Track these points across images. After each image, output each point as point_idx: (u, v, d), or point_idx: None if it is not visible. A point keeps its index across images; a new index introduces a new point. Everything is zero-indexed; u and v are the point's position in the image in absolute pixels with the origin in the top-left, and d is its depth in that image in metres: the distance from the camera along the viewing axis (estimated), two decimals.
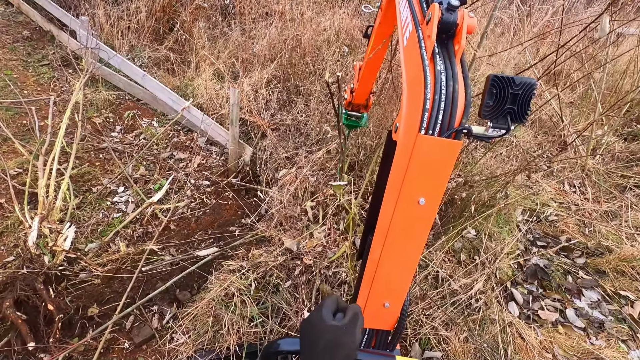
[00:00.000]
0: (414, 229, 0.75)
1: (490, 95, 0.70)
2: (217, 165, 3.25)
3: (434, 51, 0.71)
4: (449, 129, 0.68)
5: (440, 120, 0.68)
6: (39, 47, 4.37)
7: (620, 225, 2.66)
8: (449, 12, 0.70)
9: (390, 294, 0.82)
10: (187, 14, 4.45)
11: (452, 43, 0.73)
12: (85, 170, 2.93)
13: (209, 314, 1.95)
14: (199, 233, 2.63)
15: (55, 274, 2.11)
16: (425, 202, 0.72)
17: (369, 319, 0.86)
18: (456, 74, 0.69)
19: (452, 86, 0.68)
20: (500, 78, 0.69)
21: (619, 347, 1.98)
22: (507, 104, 0.70)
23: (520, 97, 0.69)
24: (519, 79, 0.69)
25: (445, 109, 0.68)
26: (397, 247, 0.77)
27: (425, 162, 0.69)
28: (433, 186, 0.71)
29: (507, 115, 0.70)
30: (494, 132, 0.71)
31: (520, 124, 0.76)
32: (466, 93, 0.70)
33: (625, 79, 3.80)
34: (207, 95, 3.62)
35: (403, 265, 0.79)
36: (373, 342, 0.91)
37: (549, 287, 2.31)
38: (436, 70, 0.69)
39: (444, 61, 0.71)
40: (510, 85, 0.69)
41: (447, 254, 2.30)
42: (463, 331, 1.99)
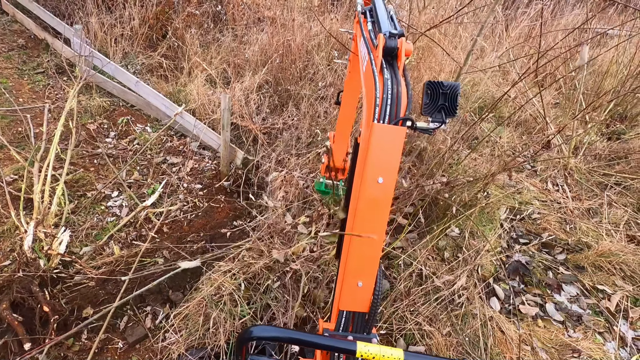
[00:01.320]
0: (376, 205, 0.90)
1: (426, 96, 0.94)
2: (210, 169, 3.32)
3: (382, 66, 0.94)
4: (396, 118, 0.89)
5: (388, 112, 0.89)
6: (34, 55, 4.44)
7: (600, 222, 2.75)
8: (391, 39, 0.94)
9: (362, 271, 0.94)
10: (180, 20, 4.53)
11: (396, 62, 0.95)
12: (80, 176, 2.99)
13: (200, 313, 2.02)
14: (191, 235, 2.69)
15: (51, 277, 2.17)
16: (383, 180, 0.88)
17: (346, 302, 0.96)
18: (399, 80, 0.91)
19: (396, 88, 0.90)
20: (433, 82, 0.93)
21: (595, 339, 2.05)
22: (439, 101, 0.93)
23: (448, 95, 0.93)
24: (447, 82, 0.92)
25: (391, 104, 0.89)
26: (364, 224, 0.91)
27: (380, 145, 0.87)
28: (388, 166, 0.88)
29: (442, 110, 0.94)
30: (434, 125, 0.94)
31: (453, 118, 0.96)
32: (408, 94, 0.90)
33: (608, 79, 3.90)
34: (200, 101, 3.69)
35: (369, 240, 0.92)
36: (350, 327, 0.98)
37: (530, 282, 2.39)
38: (384, 78, 0.91)
39: (390, 72, 0.93)
40: (440, 87, 0.93)
41: (431, 252, 2.38)
42: (446, 326, 2.06)
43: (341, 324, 0.98)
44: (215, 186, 3.14)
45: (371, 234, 0.92)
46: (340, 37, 4.39)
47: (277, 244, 2.27)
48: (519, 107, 3.16)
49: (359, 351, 0.76)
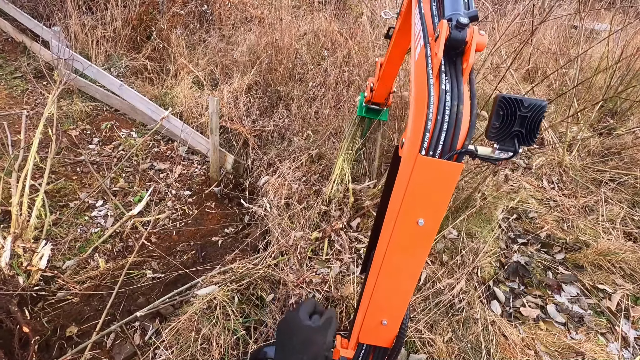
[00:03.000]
0: (413, 249, 0.74)
1: (497, 117, 0.67)
2: (199, 175, 3.22)
3: (440, 69, 0.69)
4: (451, 150, 0.67)
5: (442, 141, 0.67)
6: (11, 59, 4.26)
7: (597, 220, 2.72)
8: (458, 29, 0.68)
9: (388, 311, 0.81)
10: (165, 21, 4.40)
11: (461, 60, 0.70)
12: (62, 185, 2.86)
13: (192, 328, 1.92)
14: (181, 245, 2.59)
15: (31, 295, 2.05)
16: (424, 223, 0.70)
17: (367, 334, 0.86)
18: (462, 93, 0.67)
19: (456, 106, 0.66)
20: (508, 99, 0.66)
21: (598, 341, 2.02)
22: (514, 126, 0.67)
23: (528, 119, 0.67)
24: (527, 100, 0.66)
25: (448, 129, 0.66)
26: (396, 266, 0.76)
27: (424, 184, 0.68)
28: (432, 208, 0.70)
29: (515, 138, 0.68)
30: (501, 154, 0.69)
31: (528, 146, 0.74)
32: (471, 114, 0.68)
33: (599, 74, 3.89)
34: (187, 104, 3.58)
35: (401, 283, 0.78)
36: (370, 358, 0.90)
37: (530, 283, 2.35)
38: (440, 90, 0.68)
39: (451, 80, 0.69)
40: (519, 106, 0.66)
41: (429, 256, 2.32)
42: (447, 332, 2.00)
43: (360, 355, 0.89)
44: (205, 192, 3.04)
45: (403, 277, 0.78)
46: (331, 36, 4.32)
47: (293, 263, 2.16)
48: None
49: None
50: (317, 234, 2.27)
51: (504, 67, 3.82)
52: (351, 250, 2.28)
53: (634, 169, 3.10)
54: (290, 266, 2.13)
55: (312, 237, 2.25)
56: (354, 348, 0.89)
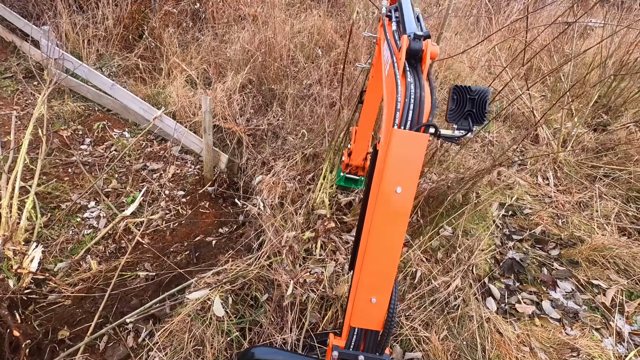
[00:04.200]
0: (394, 217, 0.84)
1: (452, 101, 0.86)
2: (193, 175, 3.19)
3: (404, 69, 0.88)
4: (418, 124, 0.82)
5: (410, 118, 0.82)
6: (1, 60, 4.20)
7: (592, 216, 2.73)
8: (415, 40, 0.88)
9: (376, 287, 0.88)
10: (157, 20, 4.35)
11: (420, 65, 0.89)
12: (53, 186, 2.82)
13: (185, 329, 1.90)
14: (174, 245, 2.56)
15: (22, 298, 2.02)
16: (401, 190, 0.82)
17: (358, 318, 0.90)
18: (423, 84, 0.84)
19: (419, 93, 0.83)
20: (460, 87, 0.86)
21: (592, 336, 2.02)
22: (466, 107, 0.86)
23: (476, 101, 0.86)
24: (475, 87, 0.85)
25: (414, 109, 0.82)
26: (380, 235, 0.85)
27: (399, 153, 0.81)
28: (407, 176, 0.83)
29: (468, 117, 0.87)
30: (459, 132, 0.87)
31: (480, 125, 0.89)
32: (432, 98, 0.84)
33: (592, 70, 3.90)
34: (180, 103, 3.54)
35: (386, 254, 0.86)
36: (362, 346, 0.91)
37: (525, 280, 2.35)
38: (407, 82, 0.84)
39: (413, 76, 0.86)
40: (468, 92, 0.86)
41: (424, 253, 2.31)
42: (442, 330, 2.00)
43: (352, 341, 0.92)
44: (199, 192, 3.01)
45: (388, 246, 0.86)
46: (325, 34, 4.30)
47: (286, 264, 2.13)
48: (508, 102, 3.13)
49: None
50: (309, 233, 2.25)
51: (498, 65, 3.82)
52: (347, 251, 2.27)
53: (628, 165, 3.12)
54: (283, 267, 2.11)
55: (305, 237, 2.23)
56: (345, 337, 0.92)
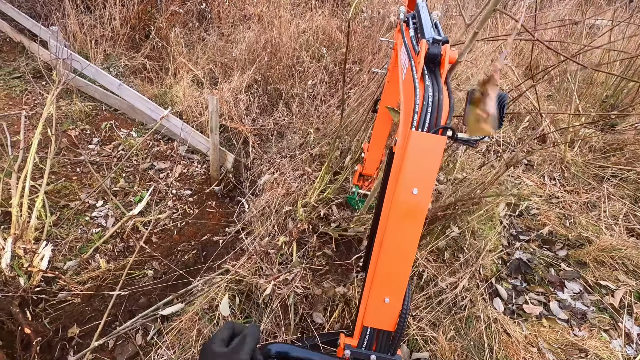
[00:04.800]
0: (409, 218, 0.84)
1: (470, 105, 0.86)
2: (199, 174, 3.20)
3: (423, 72, 0.89)
4: (436, 126, 0.83)
5: (428, 120, 0.83)
6: (10, 60, 4.24)
7: (599, 216, 2.71)
8: (434, 45, 0.89)
9: (389, 287, 0.88)
10: (163, 20, 4.37)
11: (439, 69, 0.90)
12: (62, 186, 2.85)
13: (193, 328, 1.92)
14: (182, 245, 2.58)
15: (32, 296, 2.04)
16: (418, 191, 0.82)
17: (371, 318, 0.90)
18: (441, 87, 0.85)
19: (437, 96, 0.84)
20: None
21: (601, 337, 2.01)
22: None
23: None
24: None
25: (432, 112, 0.83)
26: (395, 237, 0.85)
27: (416, 155, 0.82)
28: (424, 177, 0.83)
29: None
30: (476, 136, 0.88)
31: (499, 129, 0.91)
32: (450, 101, 0.86)
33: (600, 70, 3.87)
34: (187, 103, 3.56)
35: (400, 255, 0.87)
36: (374, 346, 0.92)
37: (533, 280, 2.34)
38: (425, 85, 0.86)
39: (432, 80, 0.87)
40: None
41: (431, 254, 2.31)
42: (449, 330, 2.00)
43: (364, 341, 0.92)
44: (206, 191, 3.03)
45: (402, 247, 0.86)
46: (329, 33, 4.30)
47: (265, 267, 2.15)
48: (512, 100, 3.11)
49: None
50: (284, 238, 2.25)
51: (506, 65, 3.79)
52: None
53: (636, 165, 3.09)
54: (263, 272, 2.11)
55: (280, 242, 2.23)
56: (357, 336, 0.92)
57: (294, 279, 2.05)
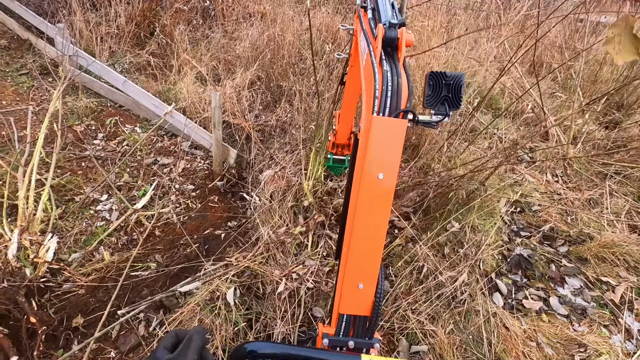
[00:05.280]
0: (377, 202, 0.85)
1: (429, 87, 0.89)
2: (202, 169, 3.24)
3: (381, 57, 0.89)
4: (397, 110, 0.84)
5: (388, 105, 0.84)
6: (17, 56, 4.30)
7: (601, 213, 2.70)
8: (390, 29, 0.89)
9: (362, 273, 0.89)
10: (168, 17, 4.41)
11: (397, 53, 0.91)
12: (68, 180, 2.89)
13: (194, 319, 1.95)
14: (184, 238, 2.61)
15: (38, 286, 2.08)
16: (383, 176, 0.83)
17: (346, 305, 0.90)
18: (399, 72, 0.85)
19: (396, 80, 0.84)
20: (435, 72, 0.88)
21: (601, 333, 2.01)
22: (442, 93, 0.89)
23: (452, 86, 0.89)
24: (450, 72, 0.87)
25: (391, 96, 0.84)
26: (364, 223, 0.86)
27: (379, 139, 0.82)
28: (389, 161, 0.83)
29: (445, 102, 0.90)
30: (436, 117, 0.90)
31: (457, 110, 0.91)
32: (409, 86, 0.86)
33: (604, 67, 3.85)
34: (190, 99, 3.60)
35: (370, 240, 0.87)
36: (351, 331, 0.93)
37: (533, 276, 2.34)
38: (383, 70, 0.86)
39: (390, 64, 0.88)
40: (443, 77, 0.89)
41: (431, 249, 2.32)
42: (448, 324, 2.01)
43: (341, 328, 0.92)
44: (209, 186, 3.06)
45: (372, 233, 0.86)
46: (333, 31, 4.30)
47: (278, 258, 2.16)
48: (516, 98, 3.11)
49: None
50: (300, 228, 2.27)
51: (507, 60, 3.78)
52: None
53: (639, 162, 3.07)
54: (277, 261, 2.14)
55: (296, 232, 2.25)
56: (334, 325, 0.92)
57: (308, 273, 2.07)
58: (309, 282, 2.06)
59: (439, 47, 3.19)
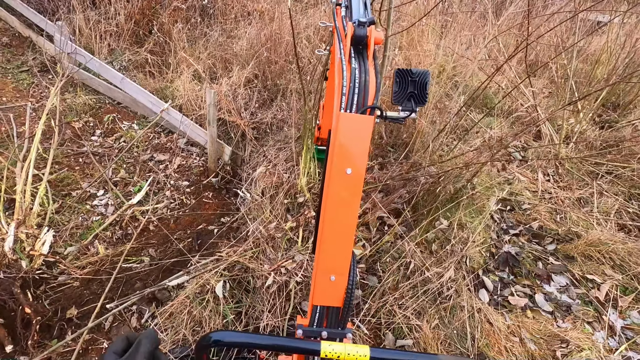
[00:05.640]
0: (346, 196, 0.87)
1: (396, 84, 0.91)
2: (197, 166, 3.28)
3: (350, 55, 0.91)
4: (364, 107, 0.85)
5: (355, 101, 0.86)
6: (18, 54, 4.36)
7: (591, 212, 2.72)
8: (360, 27, 0.90)
9: (333, 265, 0.91)
10: (166, 15, 4.45)
11: (366, 51, 0.92)
12: (65, 175, 2.95)
13: (185, 311, 1.99)
14: (178, 233, 2.66)
15: (33, 278, 2.14)
16: (351, 171, 0.85)
17: (319, 297, 0.93)
18: (367, 69, 0.87)
19: (364, 77, 0.86)
20: (401, 70, 0.90)
21: (584, 329, 2.04)
22: (409, 89, 0.91)
23: (417, 82, 0.91)
24: (415, 69, 0.89)
25: (359, 93, 0.86)
26: (334, 218, 0.88)
27: (346, 135, 0.84)
28: (356, 156, 0.84)
29: (411, 99, 0.92)
30: (404, 113, 0.92)
31: (422, 106, 0.93)
32: (377, 82, 0.87)
33: (599, 67, 3.86)
34: (187, 97, 3.64)
35: (340, 234, 0.90)
36: (325, 322, 0.96)
37: (520, 273, 2.37)
38: (352, 67, 0.88)
39: (359, 62, 0.90)
40: (409, 74, 0.91)
41: (419, 245, 2.35)
42: (434, 319, 2.04)
43: (315, 319, 0.95)
44: (203, 183, 3.10)
45: (342, 227, 0.89)
46: (329, 30, 4.33)
47: (267, 253, 2.20)
48: (504, 94, 3.12)
49: (323, 351, 0.73)
50: (291, 223, 2.30)
51: (502, 60, 3.80)
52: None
53: (631, 162, 3.08)
54: (267, 255, 2.17)
55: (287, 227, 2.28)
56: (309, 315, 0.95)
57: (297, 267, 2.10)
58: (297, 276, 2.10)
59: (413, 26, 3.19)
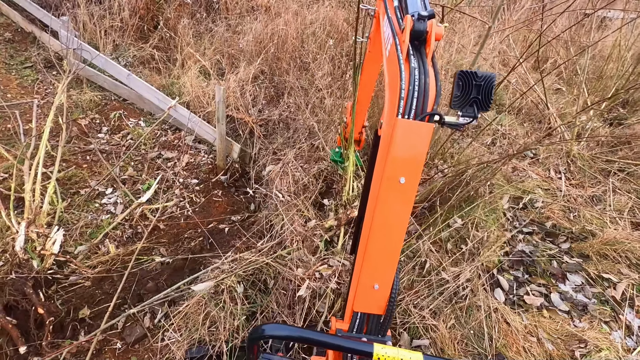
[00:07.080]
0: (397, 207, 0.83)
1: (457, 88, 0.83)
2: (206, 164, 3.25)
3: (408, 52, 0.83)
4: (423, 113, 0.79)
5: (414, 106, 0.80)
6: (22, 49, 4.31)
7: (604, 210, 2.70)
8: (419, 21, 0.83)
9: (378, 274, 0.88)
10: (171, 10, 4.40)
11: (425, 47, 0.84)
12: (73, 173, 2.91)
13: (200, 312, 1.97)
14: (188, 232, 2.64)
15: (45, 278, 2.11)
16: (405, 180, 0.81)
17: (361, 304, 0.91)
18: (427, 70, 0.80)
19: (423, 79, 0.79)
20: (465, 72, 0.82)
21: (601, 329, 2.02)
22: (472, 94, 0.83)
23: (482, 87, 0.82)
24: (480, 72, 0.80)
25: (418, 97, 0.79)
26: (383, 227, 0.84)
27: (403, 143, 0.79)
28: (411, 165, 0.80)
29: (474, 104, 0.83)
30: (464, 120, 0.84)
31: (485, 112, 0.87)
32: (437, 85, 0.81)
33: (610, 64, 3.82)
34: (194, 93, 3.60)
35: (388, 244, 0.86)
36: (365, 328, 0.94)
37: (535, 272, 2.35)
38: (410, 67, 0.81)
39: (417, 60, 0.82)
40: (474, 77, 0.82)
41: (434, 244, 2.33)
42: (450, 319, 2.03)
43: (355, 324, 0.93)
44: (212, 181, 3.07)
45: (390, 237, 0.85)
46: (336, 25, 4.28)
47: (303, 255, 2.10)
48: (521, 94, 3.09)
49: (376, 353, 0.71)
50: (331, 222, 2.19)
51: (512, 57, 3.77)
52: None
53: None
54: (300, 258, 2.10)
55: (327, 226, 2.19)
56: (349, 320, 0.93)
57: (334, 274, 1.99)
58: (331, 283, 2.01)
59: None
